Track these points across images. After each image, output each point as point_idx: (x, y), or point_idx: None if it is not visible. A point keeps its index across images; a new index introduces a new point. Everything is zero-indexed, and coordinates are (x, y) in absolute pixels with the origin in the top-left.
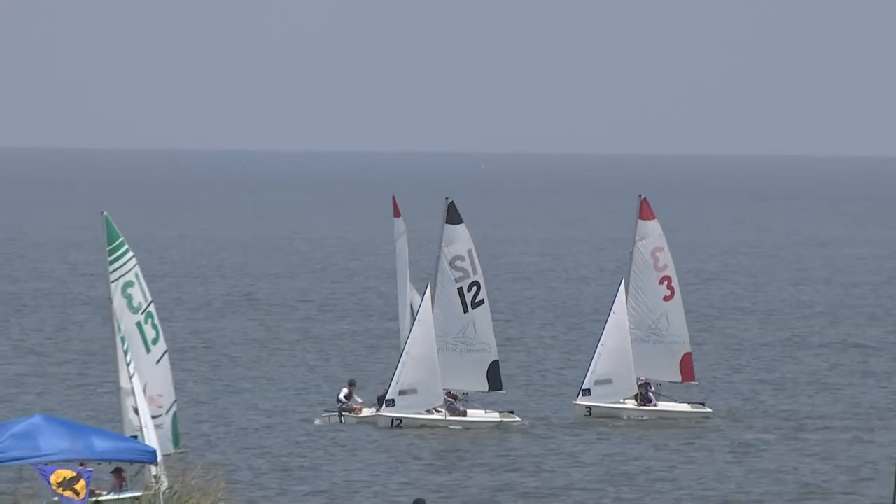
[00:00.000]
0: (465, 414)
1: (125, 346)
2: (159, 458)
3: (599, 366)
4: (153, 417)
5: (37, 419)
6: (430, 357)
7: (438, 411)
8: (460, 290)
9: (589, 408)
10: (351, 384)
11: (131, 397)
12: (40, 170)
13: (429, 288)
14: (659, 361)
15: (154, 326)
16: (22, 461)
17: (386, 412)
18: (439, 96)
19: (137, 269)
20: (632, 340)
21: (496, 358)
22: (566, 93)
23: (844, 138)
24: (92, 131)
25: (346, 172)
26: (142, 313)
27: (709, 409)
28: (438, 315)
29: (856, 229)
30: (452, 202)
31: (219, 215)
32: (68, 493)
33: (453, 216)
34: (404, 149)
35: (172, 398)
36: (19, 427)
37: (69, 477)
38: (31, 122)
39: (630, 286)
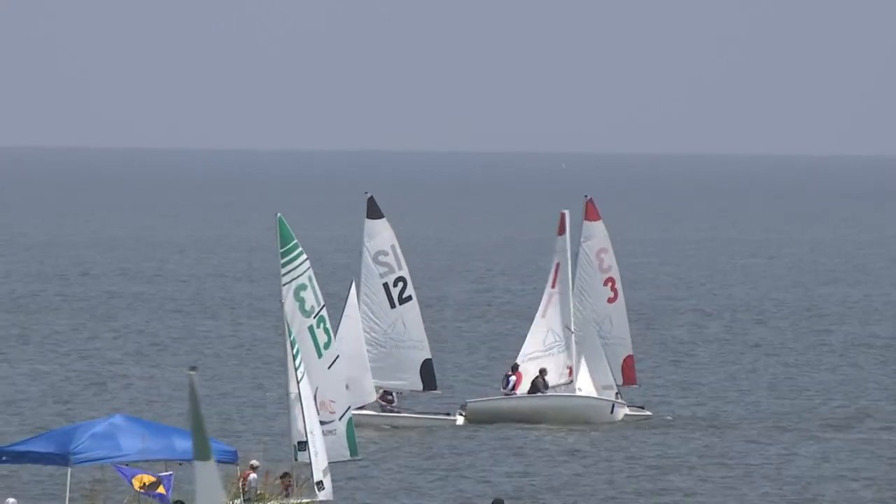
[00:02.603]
0: (399, 412)
1: (295, 350)
2: (322, 464)
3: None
4: (325, 423)
5: (117, 419)
6: (359, 354)
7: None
8: (385, 285)
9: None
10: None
11: (299, 402)
12: (42, 169)
13: (353, 284)
14: (601, 364)
15: (326, 331)
16: (102, 461)
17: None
18: (439, 96)
19: (311, 272)
20: (575, 342)
21: (429, 356)
22: (566, 93)
23: (845, 138)
24: (92, 131)
25: (367, 172)
26: (314, 317)
27: (648, 413)
28: (366, 311)
29: (848, 229)
30: (372, 197)
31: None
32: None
33: (374, 211)
34: (403, 148)
35: (347, 404)
36: (100, 427)
37: (149, 482)
38: (31, 121)
39: (575, 287)
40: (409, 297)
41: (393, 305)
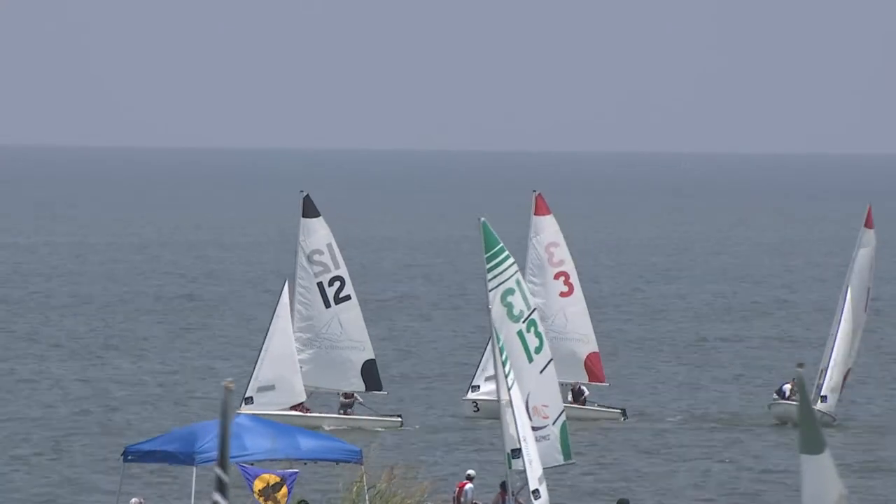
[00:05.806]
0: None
1: (504, 357)
2: (537, 472)
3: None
4: (538, 429)
5: (242, 419)
6: (288, 354)
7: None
8: (320, 284)
9: (475, 402)
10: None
11: (511, 409)
12: (46, 169)
13: (287, 283)
14: (559, 360)
15: (537, 334)
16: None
17: (246, 410)
18: (436, 95)
19: (518, 276)
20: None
21: (372, 356)
22: (565, 92)
23: (846, 137)
24: (96, 130)
25: (364, 170)
26: (523, 321)
27: (618, 410)
28: (299, 310)
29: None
30: (308, 195)
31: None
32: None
33: (309, 210)
34: (403, 147)
35: (560, 408)
36: None
37: (273, 482)
38: (39, 120)
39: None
40: (348, 297)
41: (328, 305)
